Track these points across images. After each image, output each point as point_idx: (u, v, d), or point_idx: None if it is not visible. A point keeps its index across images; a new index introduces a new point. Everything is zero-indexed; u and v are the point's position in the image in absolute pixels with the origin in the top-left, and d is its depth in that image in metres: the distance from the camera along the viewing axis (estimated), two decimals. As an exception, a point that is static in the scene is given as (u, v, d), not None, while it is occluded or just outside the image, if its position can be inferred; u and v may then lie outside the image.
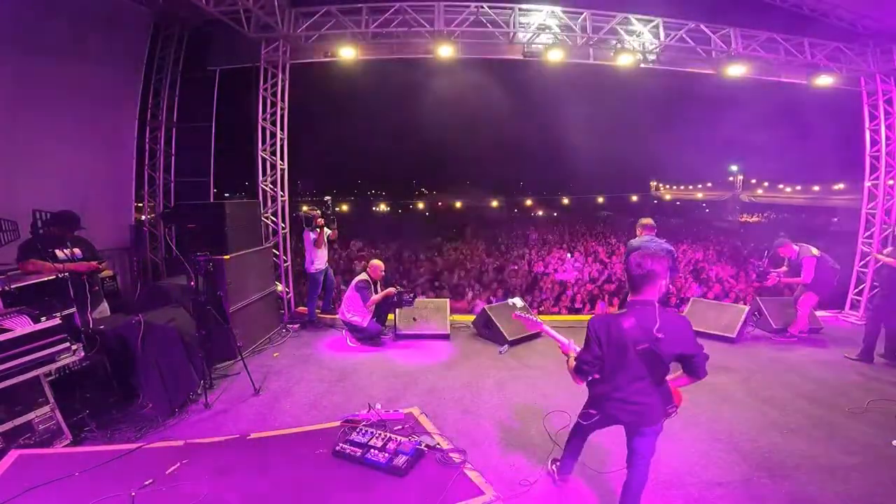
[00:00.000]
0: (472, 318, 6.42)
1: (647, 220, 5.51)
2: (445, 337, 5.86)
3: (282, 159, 6.82)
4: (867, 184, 7.40)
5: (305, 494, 2.06)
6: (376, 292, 5.71)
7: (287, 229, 7.03)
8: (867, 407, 4.04)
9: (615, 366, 2.40)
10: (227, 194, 13.29)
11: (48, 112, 5.33)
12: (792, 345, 5.72)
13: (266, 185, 6.76)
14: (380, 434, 2.33)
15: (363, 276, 5.76)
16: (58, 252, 3.92)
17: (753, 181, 39.42)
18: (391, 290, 5.77)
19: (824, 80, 7.31)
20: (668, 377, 2.46)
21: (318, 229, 6.27)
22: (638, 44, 6.89)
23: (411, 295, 5.89)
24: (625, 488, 2.56)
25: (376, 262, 5.90)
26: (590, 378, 2.52)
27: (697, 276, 11.19)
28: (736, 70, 7.21)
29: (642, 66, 7.28)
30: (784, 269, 5.94)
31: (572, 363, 2.53)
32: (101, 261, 4.32)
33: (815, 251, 5.66)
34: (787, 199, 36.37)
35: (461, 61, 7.35)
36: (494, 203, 38.90)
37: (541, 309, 9.00)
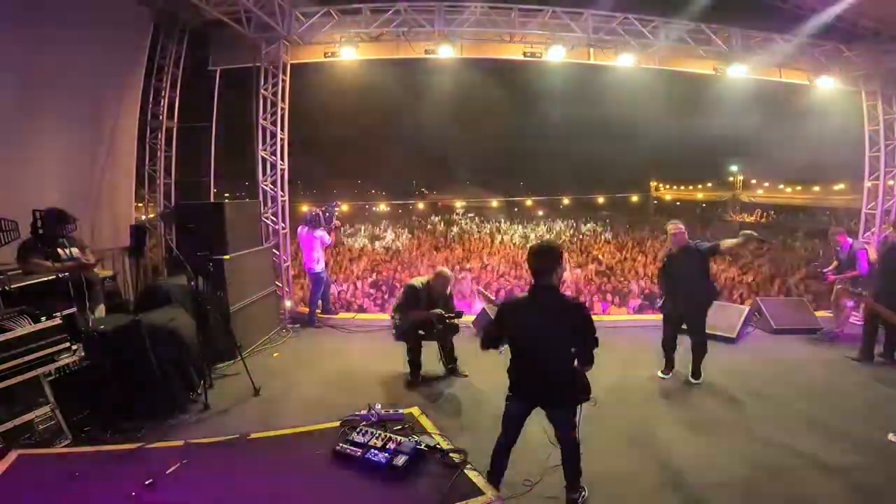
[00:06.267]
0: (471, 318, 6.41)
1: (675, 226, 4.45)
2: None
3: (282, 159, 6.82)
4: (867, 184, 7.40)
5: (305, 494, 2.06)
6: (431, 307, 4.52)
7: (287, 229, 7.03)
8: (867, 406, 4.05)
9: (521, 346, 2.63)
10: (227, 194, 13.28)
11: (48, 112, 5.32)
12: (830, 344, 5.75)
13: (266, 185, 6.76)
14: (379, 434, 2.32)
15: (421, 280, 4.66)
16: (59, 251, 3.92)
17: (754, 181, 39.42)
18: (438, 312, 4.48)
19: (824, 81, 7.32)
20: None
21: (333, 230, 6.38)
22: (638, 44, 6.89)
23: (453, 325, 4.58)
24: (563, 460, 2.74)
25: (444, 272, 4.59)
26: (494, 348, 2.75)
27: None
28: (736, 70, 7.22)
29: (642, 66, 7.29)
30: (835, 263, 5.96)
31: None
32: (92, 259, 4.29)
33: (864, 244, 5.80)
34: (788, 199, 36.37)
35: (461, 61, 7.35)
36: (494, 203, 38.90)
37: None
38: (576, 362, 2.63)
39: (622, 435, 3.59)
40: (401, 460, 2.13)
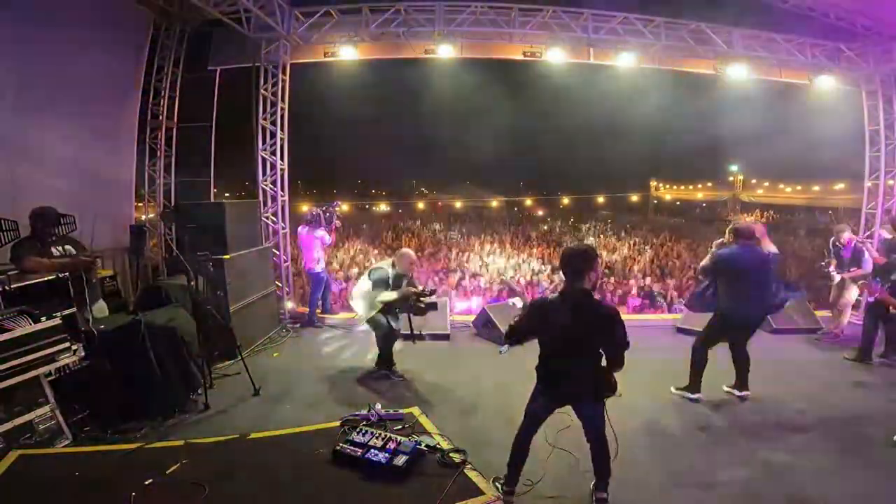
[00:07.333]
0: (472, 317, 6.42)
1: (745, 225, 4.16)
2: (445, 337, 5.85)
3: (282, 159, 6.82)
4: (867, 184, 7.40)
5: (305, 495, 2.06)
6: (398, 288, 4.54)
7: (287, 229, 7.03)
8: (867, 407, 4.04)
9: (550, 345, 2.67)
10: (227, 194, 13.30)
11: (48, 112, 5.33)
12: (832, 344, 5.71)
13: (266, 185, 6.76)
14: (380, 434, 2.33)
15: (386, 262, 4.67)
16: (53, 250, 3.89)
17: (754, 181, 39.41)
18: (411, 290, 4.58)
19: (824, 81, 7.32)
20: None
21: (333, 230, 6.40)
22: (638, 44, 6.89)
23: (433, 301, 4.64)
24: (593, 456, 2.77)
25: (407, 251, 4.71)
26: (517, 343, 2.84)
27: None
28: (736, 70, 7.21)
29: (642, 66, 7.29)
30: (835, 263, 5.92)
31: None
32: (91, 256, 4.23)
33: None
34: (788, 199, 36.36)
35: (461, 61, 7.36)
36: (494, 203, 38.88)
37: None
38: (604, 362, 2.64)
39: (622, 436, 3.59)
40: (401, 460, 2.13)
